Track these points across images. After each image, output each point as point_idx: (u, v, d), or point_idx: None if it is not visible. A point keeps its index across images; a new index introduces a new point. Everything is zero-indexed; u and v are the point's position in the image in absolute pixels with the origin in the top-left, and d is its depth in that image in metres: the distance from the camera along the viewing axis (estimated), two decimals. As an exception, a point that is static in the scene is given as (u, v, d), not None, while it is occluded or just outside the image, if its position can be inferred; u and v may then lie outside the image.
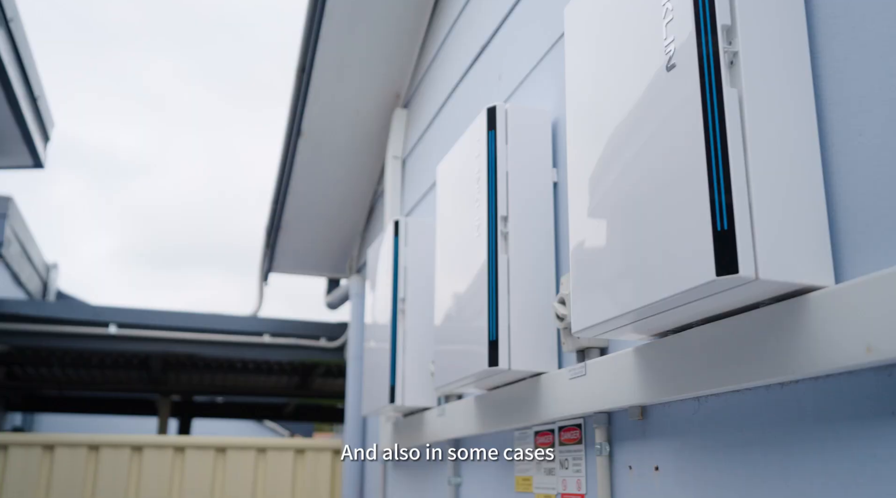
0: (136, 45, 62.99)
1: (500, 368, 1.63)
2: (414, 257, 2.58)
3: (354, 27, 3.18)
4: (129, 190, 74.05)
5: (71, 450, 3.60)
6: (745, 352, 1.04)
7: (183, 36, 59.14)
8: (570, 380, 1.52)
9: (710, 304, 1.05)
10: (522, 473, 1.83)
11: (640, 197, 1.12)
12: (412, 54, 3.28)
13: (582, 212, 1.30)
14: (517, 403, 1.76)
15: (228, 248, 63.47)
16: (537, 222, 1.74)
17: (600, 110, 1.26)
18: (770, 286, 0.95)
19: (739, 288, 0.96)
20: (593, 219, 1.25)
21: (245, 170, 64.82)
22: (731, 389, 1.11)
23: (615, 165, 1.20)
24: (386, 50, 3.26)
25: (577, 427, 1.59)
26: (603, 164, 1.24)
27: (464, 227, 1.88)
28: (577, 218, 1.31)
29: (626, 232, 1.15)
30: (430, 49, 3.15)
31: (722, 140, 0.97)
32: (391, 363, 2.49)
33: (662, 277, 1.05)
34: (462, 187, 1.93)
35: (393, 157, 3.28)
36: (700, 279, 0.96)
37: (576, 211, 1.31)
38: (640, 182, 1.12)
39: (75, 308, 4.02)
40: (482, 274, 1.71)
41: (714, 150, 0.97)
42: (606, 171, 1.23)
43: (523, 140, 1.77)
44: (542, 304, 1.70)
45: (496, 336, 1.65)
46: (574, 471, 1.58)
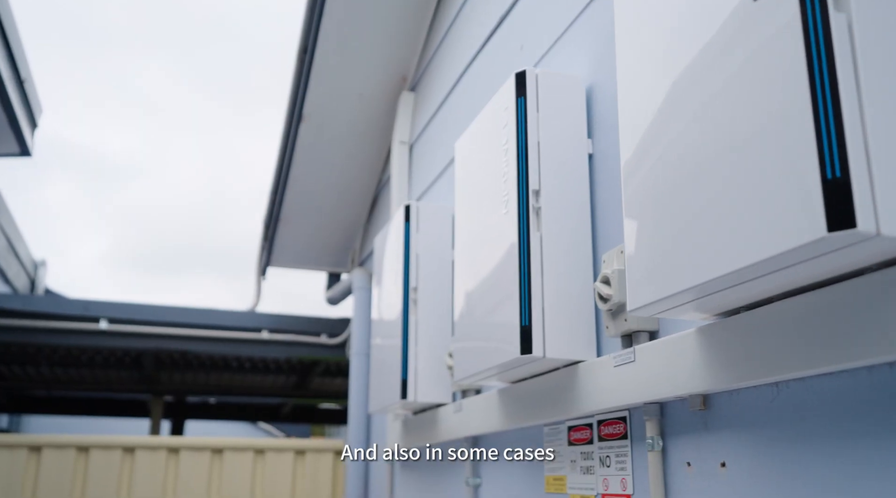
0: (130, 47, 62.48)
1: (535, 355, 1.48)
2: (426, 244, 2.42)
3: (359, 6, 3.03)
4: (122, 193, 73.46)
5: (59, 451, 3.42)
6: (845, 327, 0.89)
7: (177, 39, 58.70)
8: (616, 367, 1.36)
9: (803, 271, 0.90)
10: (554, 473, 1.67)
11: (715, 152, 0.97)
12: (420, 34, 3.12)
13: (638, 178, 1.15)
14: (549, 395, 1.60)
15: (222, 251, 63.02)
16: (572, 197, 1.59)
17: (660, 59, 1.11)
18: (891, 244, 0.80)
19: (852, 248, 0.81)
20: (652, 184, 1.10)
21: (240, 173, 64.33)
22: (821, 372, 0.97)
23: (680, 120, 1.05)
24: (392, 30, 3.11)
25: (620, 420, 1.44)
26: (664, 120, 1.09)
27: (488, 205, 1.73)
28: (632, 185, 1.16)
29: (697, 194, 1.00)
30: (439, 28, 3.00)
31: (830, 73, 0.82)
32: (402, 356, 2.33)
33: (747, 241, 0.90)
34: (486, 162, 1.77)
35: (400, 143, 3.12)
36: (805, 238, 0.81)
37: (631, 177, 1.16)
38: (715, 134, 0.97)
39: (64, 303, 3.84)
40: (512, 253, 1.56)
41: (820, 85, 0.82)
42: (668, 128, 1.07)
43: (556, 108, 1.62)
44: (578, 285, 1.54)
45: (529, 321, 1.49)
46: (618, 469, 1.43)
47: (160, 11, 52.84)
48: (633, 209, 1.15)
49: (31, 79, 3.44)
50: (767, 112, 0.89)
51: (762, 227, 0.87)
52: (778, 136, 0.86)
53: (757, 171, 0.89)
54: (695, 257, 1.00)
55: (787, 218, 0.84)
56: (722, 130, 0.96)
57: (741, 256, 0.91)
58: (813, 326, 0.93)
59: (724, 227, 0.94)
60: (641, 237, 1.12)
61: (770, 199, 0.87)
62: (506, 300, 1.57)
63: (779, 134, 0.86)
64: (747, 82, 0.92)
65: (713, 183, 0.97)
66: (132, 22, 59.20)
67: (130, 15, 58.94)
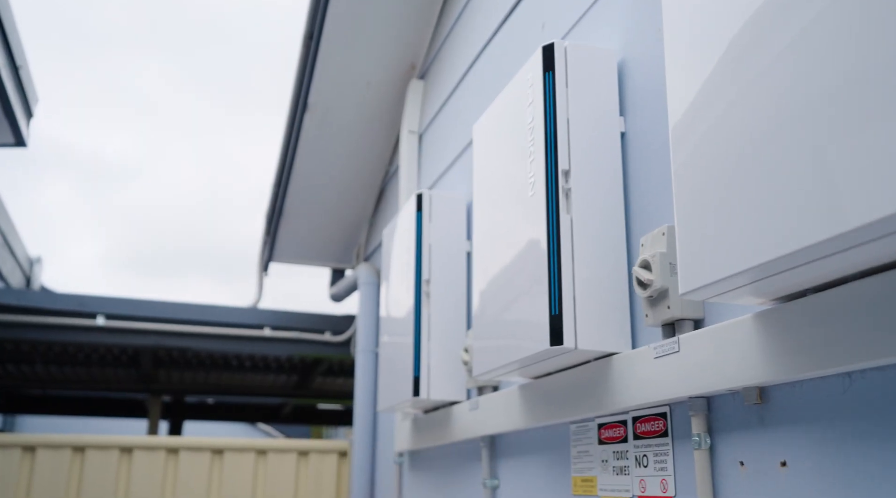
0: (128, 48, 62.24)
1: (565, 347, 1.37)
2: (439, 234, 2.32)
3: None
4: (120, 194, 73.17)
5: (53, 452, 3.30)
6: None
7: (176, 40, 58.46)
8: (656, 359, 1.26)
9: (885, 247, 0.79)
10: (583, 473, 1.56)
11: (780, 118, 0.86)
12: (430, 19, 3.02)
13: (688, 150, 1.04)
14: (577, 390, 1.50)
15: (220, 253, 62.81)
16: (603, 177, 1.49)
17: (716, 14, 1.01)
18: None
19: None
20: (706, 155, 1.00)
21: (237, 175, 64.08)
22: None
23: (739, 83, 0.94)
24: (401, 15, 3.00)
25: (659, 417, 1.34)
26: (720, 85, 0.98)
27: (512, 188, 1.62)
28: (682, 157, 1.05)
29: (759, 164, 0.90)
30: (450, 12, 2.89)
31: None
32: (414, 352, 2.22)
33: (818, 215, 0.79)
34: (509, 144, 1.67)
35: (409, 132, 3.02)
36: (888, 209, 0.71)
37: (680, 149, 1.06)
38: (781, 98, 0.87)
39: (60, 298, 3.72)
40: (540, 238, 1.45)
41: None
42: (725, 93, 0.97)
43: (586, 84, 1.52)
44: (611, 271, 1.44)
45: (559, 310, 1.39)
46: (657, 469, 1.32)
47: (158, 13, 52.71)
48: (684, 184, 1.04)
49: (27, 66, 3.33)
50: (843, 72, 0.78)
51: (837, 199, 0.77)
52: (858, 98, 0.76)
53: (830, 135, 0.79)
54: (756, 235, 0.90)
55: (866, 188, 0.73)
56: (789, 94, 0.86)
57: (812, 233, 0.81)
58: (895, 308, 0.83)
59: (790, 200, 0.84)
60: (694, 214, 1.02)
61: (846, 167, 0.76)
62: (533, 288, 1.47)
63: (859, 95, 0.76)
64: (819, 38, 0.82)
65: (778, 152, 0.87)
66: (130, 23, 59.04)
67: (128, 16, 58.81)
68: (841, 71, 0.79)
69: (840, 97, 0.79)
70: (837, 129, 0.79)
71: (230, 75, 61.54)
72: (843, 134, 0.78)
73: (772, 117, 0.88)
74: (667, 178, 1.39)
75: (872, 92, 0.75)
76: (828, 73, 0.80)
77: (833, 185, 0.78)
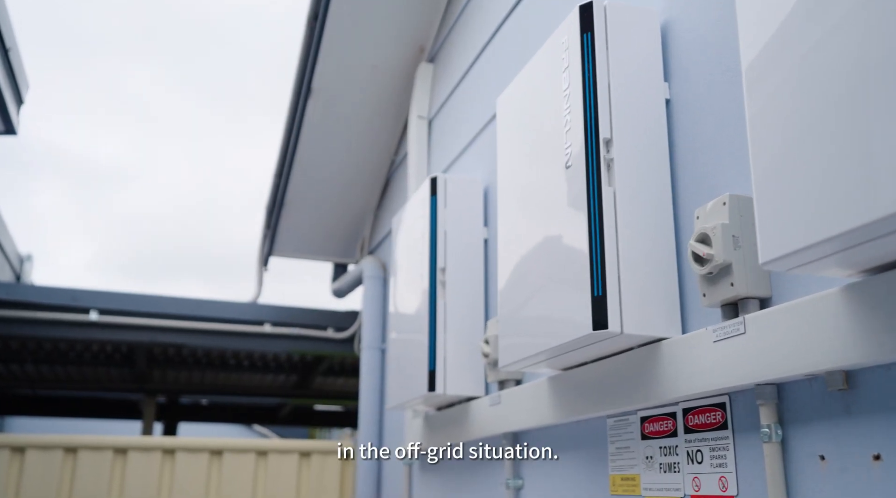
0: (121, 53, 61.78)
1: (610, 331, 1.24)
2: (455, 220, 2.19)
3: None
4: (113, 199, 72.67)
5: (44, 453, 3.15)
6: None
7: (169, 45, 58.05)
8: (716, 343, 1.13)
9: None
10: (622, 471, 1.43)
11: (879, 56, 0.74)
12: (439, 0, 2.89)
13: (767, 101, 0.92)
14: (618, 380, 1.37)
15: (213, 259, 62.46)
16: (649, 147, 1.36)
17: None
18: None
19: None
20: (789, 107, 0.87)
21: (231, 180, 63.66)
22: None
23: (834, 17, 0.82)
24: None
25: (717, 407, 1.21)
26: (806, 22, 0.86)
27: (544, 162, 1.50)
28: (757, 105, 0.92)
29: (854, 115, 0.77)
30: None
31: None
32: (430, 344, 2.09)
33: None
34: (540, 113, 1.54)
35: (418, 117, 2.89)
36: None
37: (756, 102, 0.93)
38: (881, 33, 0.74)
39: (51, 292, 3.57)
40: (579, 212, 1.32)
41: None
42: (813, 31, 0.84)
43: (628, 46, 1.39)
44: (659, 248, 1.31)
45: (603, 291, 1.26)
46: (714, 465, 1.19)
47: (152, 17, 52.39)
48: (762, 141, 0.92)
49: (17, 49, 3.19)
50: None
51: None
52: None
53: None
54: (848, 197, 0.77)
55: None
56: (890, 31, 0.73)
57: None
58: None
59: (888, 158, 0.71)
60: (775, 175, 0.89)
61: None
62: (571, 268, 1.34)
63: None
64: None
65: (871, 102, 0.74)
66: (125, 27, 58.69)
67: (123, 20, 58.48)
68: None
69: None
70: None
71: (226, 79, 61.21)
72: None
73: (867, 59, 0.76)
74: (717, 147, 1.27)
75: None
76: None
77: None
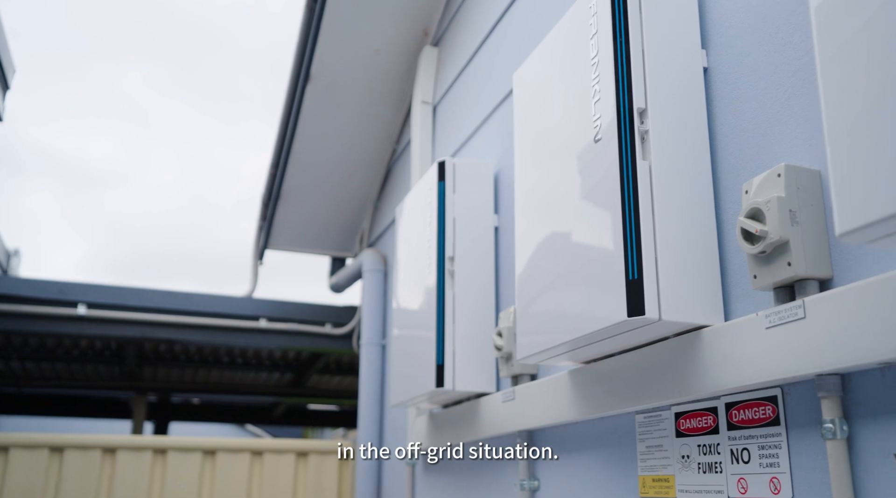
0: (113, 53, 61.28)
1: (647, 318, 1.13)
2: (465, 206, 2.07)
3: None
4: (104, 200, 72.11)
5: (29, 452, 3.02)
6: None
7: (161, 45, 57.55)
8: (768, 329, 1.02)
9: None
10: (654, 471, 1.32)
11: None
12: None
13: (838, 52, 0.81)
14: (650, 373, 1.26)
15: (204, 261, 62.07)
16: (686, 118, 1.25)
17: None
18: None
19: None
20: (870, 57, 0.77)
21: (224, 182, 63.21)
22: None
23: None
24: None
25: (767, 401, 1.10)
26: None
27: (569, 136, 1.38)
28: (834, 58, 0.82)
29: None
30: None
31: None
32: (437, 338, 1.97)
33: None
34: (565, 85, 1.43)
35: (422, 103, 2.77)
36: None
37: (828, 48, 0.82)
38: None
39: (38, 285, 3.42)
40: (611, 188, 1.21)
41: None
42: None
43: (662, 10, 1.28)
44: (700, 226, 1.21)
45: (639, 274, 1.15)
46: (765, 465, 1.08)
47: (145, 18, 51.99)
48: (839, 94, 0.80)
49: (2, 32, 3.05)
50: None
51: None
52: None
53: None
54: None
55: None
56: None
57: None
58: None
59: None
60: (853, 136, 0.78)
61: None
62: (601, 251, 1.23)
63: None
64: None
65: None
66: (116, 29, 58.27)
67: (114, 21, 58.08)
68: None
69: None
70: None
71: (219, 81, 60.87)
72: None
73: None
74: (761, 119, 1.16)
75: None
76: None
77: None
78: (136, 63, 62.28)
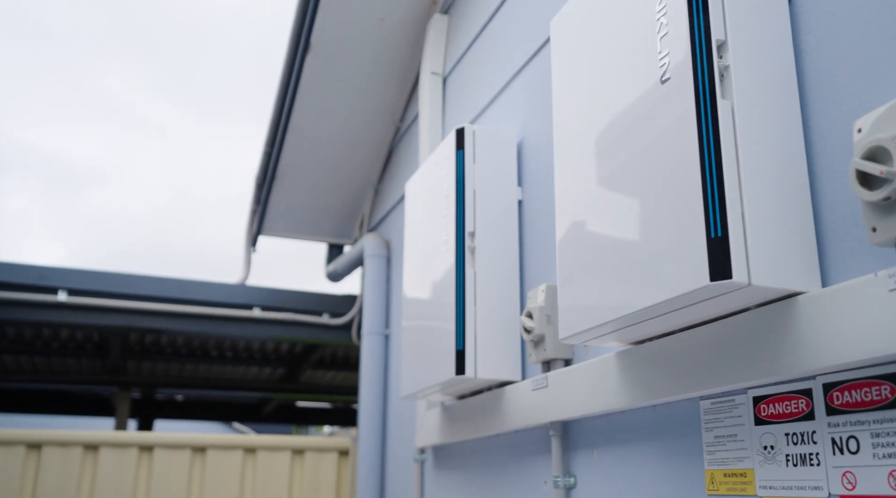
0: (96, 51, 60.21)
1: (735, 282, 0.96)
2: (486, 177, 1.90)
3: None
4: (85, 199, 70.98)
5: (5, 449, 2.81)
6: None
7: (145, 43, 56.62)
8: (892, 292, 0.85)
9: None
10: (726, 465, 1.15)
11: None
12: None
13: None
14: (722, 351, 1.08)
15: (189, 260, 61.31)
16: (771, 49, 1.08)
17: None
18: None
19: None
20: None
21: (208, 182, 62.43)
22: None
23: None
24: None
25: (880, 380, 0.92)
26: None
27: (627, 76, 1.21)
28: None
29: None
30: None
31: None
32: (457, 320, 1.79)
33: None
34: (617, 24, 1.26)
35: (431, 74, 2.59)
36: None
37: None
38: None
39: (15, 270, 3.19)
40: (685, 131, 1.04)
41: None
42: None
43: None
44: (792, 176, 1.03)
45: (724, 230, 0.97)
46: (881, 456, 0.91)
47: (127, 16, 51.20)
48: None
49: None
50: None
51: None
52: None
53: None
54: None
55: None
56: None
57: None
58: None
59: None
60: None
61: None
62: (673, 205, 1.05)
63: None
64: None
65: None
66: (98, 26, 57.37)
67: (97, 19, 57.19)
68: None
69: None
70: None
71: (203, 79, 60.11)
72: None
73: None
74: (863, 49, 0.99)
75: None
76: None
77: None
78: (117, 60, 61.41)
